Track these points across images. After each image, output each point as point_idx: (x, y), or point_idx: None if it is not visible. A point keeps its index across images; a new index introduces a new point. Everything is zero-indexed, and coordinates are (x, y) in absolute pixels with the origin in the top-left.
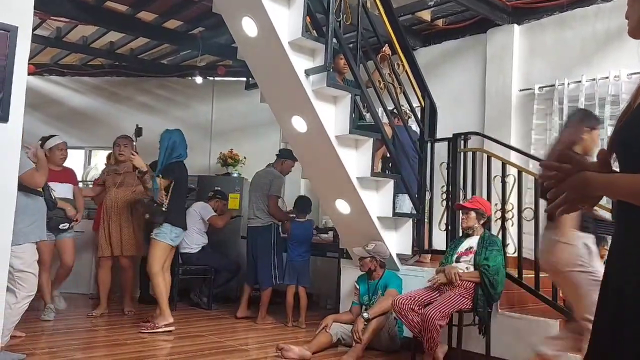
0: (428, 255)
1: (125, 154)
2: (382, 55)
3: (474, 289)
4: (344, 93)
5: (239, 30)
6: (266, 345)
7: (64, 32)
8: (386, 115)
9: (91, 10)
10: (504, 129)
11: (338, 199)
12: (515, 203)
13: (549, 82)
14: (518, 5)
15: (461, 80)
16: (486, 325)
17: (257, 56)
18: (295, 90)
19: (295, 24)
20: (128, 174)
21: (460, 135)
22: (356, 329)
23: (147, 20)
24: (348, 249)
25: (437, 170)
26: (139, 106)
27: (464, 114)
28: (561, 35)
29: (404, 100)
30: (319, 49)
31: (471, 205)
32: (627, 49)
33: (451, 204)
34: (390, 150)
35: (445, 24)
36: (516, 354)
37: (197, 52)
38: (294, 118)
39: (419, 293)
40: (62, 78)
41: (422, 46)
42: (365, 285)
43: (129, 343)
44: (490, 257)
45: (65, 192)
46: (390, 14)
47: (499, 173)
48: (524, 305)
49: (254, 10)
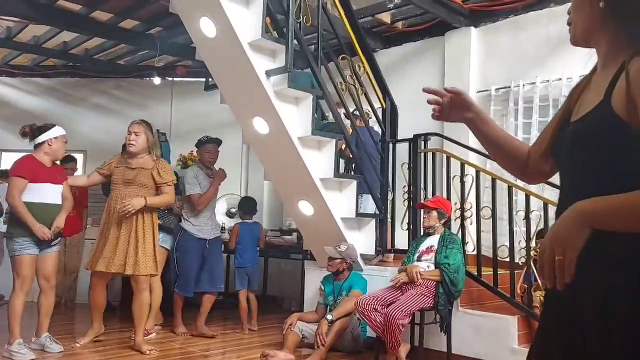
0: (391, 255)
1: (136, 144)
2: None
3: (435, 287)
4: (305, 94)
5: (197, 30)
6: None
7: (15, 32)
8: (347, 116)
9: (43, 9)
10: (462, 130)
11: (301, 201)
12: (474, 202)
13: (505, 83)
14: (475, 9)
15: (421, 81)
16: (447, 323)
17: (217, 57)
18: (256, 91)
19: (255, 25)
20: (142, 171)
21: (420, 136)
22: (320, 331)
23: (102, 20)
24: (312, 250)
25: (399, 170)
26: (94, 107)
27: (423, 115)
28: (516, 37)
29: (366, 102)
30: (279, 50)
31: (433, 204)
32: (579, 52)
33: (412, 204)
34: (352, 151)
35: (405, 26)
36: (477, 351)
37: (155, 52)
38: (255, 119)
39: (381, 293)
40: (13, 79)
41: (382, 48)
42: (331, 286)
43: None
44: (450, 256)
45: (57, 196)
46: (351, 15)
47: (458, 173)
48: (484, 302)
49: (212, 10)
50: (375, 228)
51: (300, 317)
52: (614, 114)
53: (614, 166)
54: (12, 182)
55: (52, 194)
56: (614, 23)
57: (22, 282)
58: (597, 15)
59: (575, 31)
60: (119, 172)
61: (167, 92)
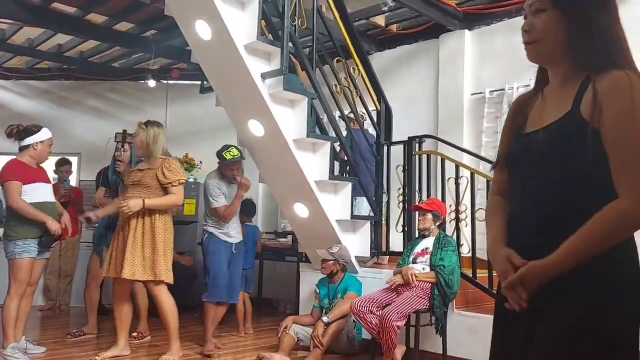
0: (386, 257)
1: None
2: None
3: (431, 289)
4: (300, 97)
5: (192, 33)
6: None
7: (9, 34)
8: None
9: (37, 12)
10: (456, 132)
11: (296, 203)
12: (469, 204)
13: (499, 86)
14: (469, 11)
15: (415, 84)
16: (442, 325)
17: (212, 60)
18: (252, 93)
19: (251, 28)
20: (148, 172)
21: (415, 138)
22: (316, 333)
23: (97, 22)
24: (307, 253)
25: (394, 172)
26: (89, 110)
27: (418, 117)
28: (510, 40)
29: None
30: (274, 53)
31: (428, 207)
32: None
33: (407, 206)
34: (347, 154)
35: (399, 29)
36: (472, 352)
37: (150, 55)
38: (251, 122)
39: (376, 295)
40: (7, 82)
41: (377, 51)
42: (326, 289)
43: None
44: (445, 258)
45: (51, 194)
46: (345, 18)
47: (452, 175)
48: (479, 303)
49: (208, 13)
50: (370, 230)
51: (296, 320)
52: (583, 119)
53: (581, 169)
54: (9, 187)
55: (46, 192)
56: (581, 46)
57: (18, 286)
58: (566, 39)
59: (542, 50)
60: (129, 175)
61: (162, 95)
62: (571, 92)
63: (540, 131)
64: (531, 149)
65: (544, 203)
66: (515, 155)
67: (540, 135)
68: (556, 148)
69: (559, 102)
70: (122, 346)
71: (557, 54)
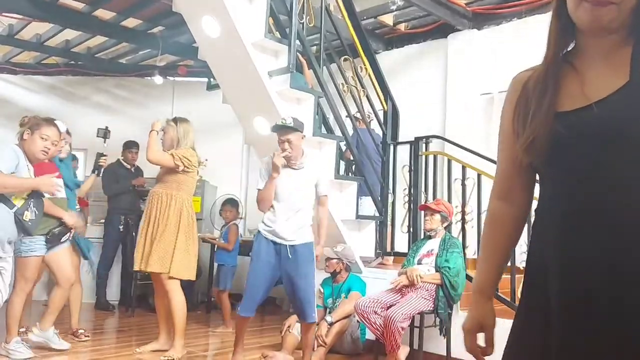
0: (390, 258)
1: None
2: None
3: (435, 291)
4: (307, 95)
5: (199, 30)
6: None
7: (17, 29)
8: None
9: (46, 7)
10: (464, 133)
11: None
12: (475, 206)
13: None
14: (478, 11)
15: (423, 83)
16: (447, 327)
17: (219, 57)
18: (259, 91)
19: (258, 25)
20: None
21: (421, 138)
22: (319, 333)
23: (104, 19)
24: None
25: (399, 172)
26: (96, 106)
27: (425, 118)
28: (520, 40)
29: (367, 104)
30: (282, 50)
31: (436, 207)
32: None
33: (413, 207)
34: (353, 153)
35: (408, 28)
36: None
37: (157, 51)
38: (257, 119)
39: (381, 295)
40: (15, 77)
41: (384, 50)
42: (330, 288)
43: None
44: (450, 259)
45: (62, 189)
46: (353, 17)
47: (459, 176)
48: None
49: (216, 10)
50: (375, 230)
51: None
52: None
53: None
54: None
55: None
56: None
57: (25, 283)
58: (636, 3)
59: (619, 14)
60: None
61: (169, 92)
62: (623, 61)
63: (594, 106)
64: (578, 128)
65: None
66: (565, 140)
67: (589, 113)
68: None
69: (612, 72)
70: (161, 340)
71: (625, 20)
